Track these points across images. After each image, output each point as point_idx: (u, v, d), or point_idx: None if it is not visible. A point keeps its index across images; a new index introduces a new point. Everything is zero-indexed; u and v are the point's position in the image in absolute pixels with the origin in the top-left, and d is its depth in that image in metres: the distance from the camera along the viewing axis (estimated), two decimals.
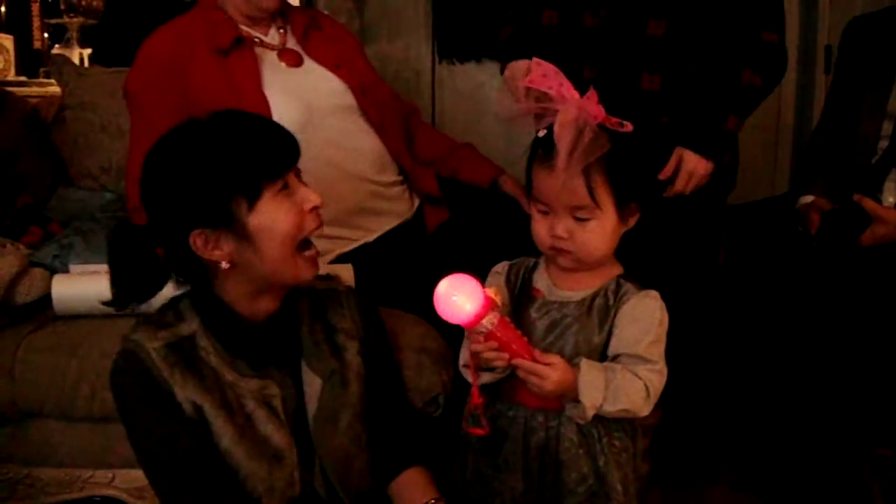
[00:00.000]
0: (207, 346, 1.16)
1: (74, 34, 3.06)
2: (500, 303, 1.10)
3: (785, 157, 3.02)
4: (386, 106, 1.81)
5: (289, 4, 1.83)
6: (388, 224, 1.76)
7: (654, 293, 1.19)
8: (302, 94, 1.68)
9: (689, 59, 1.62)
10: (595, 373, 1.13)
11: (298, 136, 1.28)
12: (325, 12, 2.04)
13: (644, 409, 1.15)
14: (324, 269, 1.50)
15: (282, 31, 1.77)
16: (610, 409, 1.13)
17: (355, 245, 1.71)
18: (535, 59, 1.13)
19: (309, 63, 1.75)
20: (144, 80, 1.67)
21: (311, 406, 1.20)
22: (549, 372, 1.10)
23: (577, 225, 1.15)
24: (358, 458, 1.24)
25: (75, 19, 3.06)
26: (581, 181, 1.12)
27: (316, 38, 1.79)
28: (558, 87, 1.11)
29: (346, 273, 1.57)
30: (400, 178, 1.82)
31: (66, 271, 1.64)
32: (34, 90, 2.78)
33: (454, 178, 1.87)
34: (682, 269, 1.66)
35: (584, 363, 1.14)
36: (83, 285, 1.55)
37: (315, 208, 1.16)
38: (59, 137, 2.14)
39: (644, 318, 1.17)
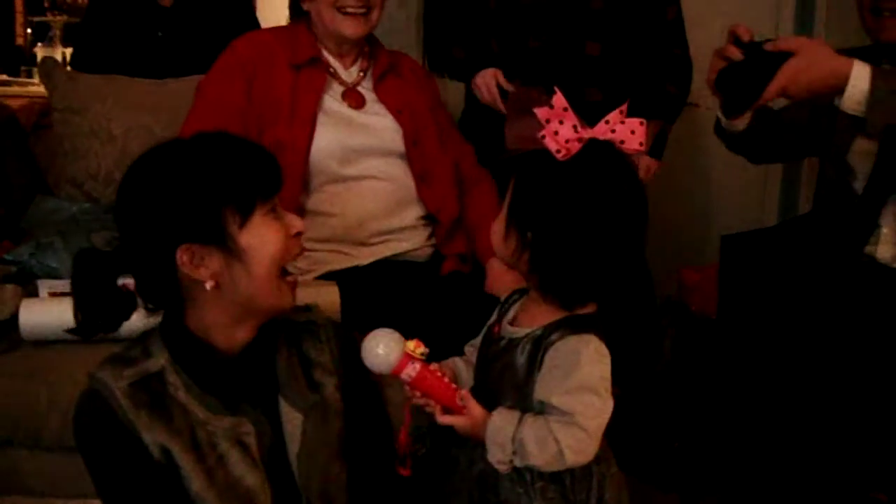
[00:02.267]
0: (176, 382, 1.11)
1: (58, 32, 3.03)
2: (420, 354, 1.14)
3: (773, 188, 3.01)
4: (434, 161, 1.80)
5: (380, 45, 1.87)
6: (383, 254, 1.74)
7: (589, 337, 1.10)
8: (349, 132, 1.72)
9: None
10: (501, 427, 1.11)
11: (329, 163, 1.64)
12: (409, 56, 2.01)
13: (556, 466, 1.10)
14: (307, 288, 1.47)
15: (362, 73, 1.80)
16: (519, 464, 1.11)
17: (346, 265, 1.70)
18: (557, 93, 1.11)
19: (371, 105, 1.78)
20: (217, 74, 1.73)
21: (293, 443, 1.17)
22: (462, 421, 1.14)
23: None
24: (338, 497, 1.20)
25: (59, 17, 3.02)
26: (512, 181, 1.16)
27: (390, 81, 1.82)
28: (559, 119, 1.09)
29: (331, 293, 1.54)
30: (416, 224, 1.79)
31: (46, 270, 1.60)
32: (16, 90, 2.74)
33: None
34: None
35: (495, 415, 1.13)
36: (51, 312, 1.51)
37: (299, 234, 1.15)
38: (38, 145, 2.08)
39: (565, 364, 1.09)
